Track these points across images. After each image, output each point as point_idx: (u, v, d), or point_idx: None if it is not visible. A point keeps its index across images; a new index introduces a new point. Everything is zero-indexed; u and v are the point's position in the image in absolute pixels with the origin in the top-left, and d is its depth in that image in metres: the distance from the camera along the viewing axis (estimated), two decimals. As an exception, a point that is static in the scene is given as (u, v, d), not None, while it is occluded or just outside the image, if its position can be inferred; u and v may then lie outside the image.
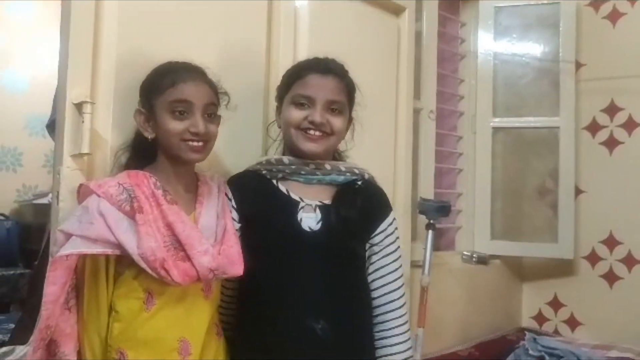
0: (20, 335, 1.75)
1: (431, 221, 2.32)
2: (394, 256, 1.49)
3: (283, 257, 1.39)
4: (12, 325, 2.28)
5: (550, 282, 3.18)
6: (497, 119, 3.07)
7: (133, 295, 1.27)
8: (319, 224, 1.40)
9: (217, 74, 1.41)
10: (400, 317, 1.47)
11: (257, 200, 1.44)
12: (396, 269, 1.49)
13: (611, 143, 3.03)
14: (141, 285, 1.27)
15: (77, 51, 1.43)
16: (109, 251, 1.23)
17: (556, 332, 3.13)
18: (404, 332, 1.47)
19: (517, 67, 3.08)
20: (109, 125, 1.47)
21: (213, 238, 1.32)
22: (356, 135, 1.56)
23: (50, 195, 4.21)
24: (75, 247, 1.20)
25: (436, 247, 2.37)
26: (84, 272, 1.27)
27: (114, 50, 1.49)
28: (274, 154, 1.62)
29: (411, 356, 1.49)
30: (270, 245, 1.40)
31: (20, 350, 1.66)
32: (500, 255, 3.07)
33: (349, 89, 1.48)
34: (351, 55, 1.99)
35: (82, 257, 1.24)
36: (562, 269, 3.11)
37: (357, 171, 1.51)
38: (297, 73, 1.46)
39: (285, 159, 1.46)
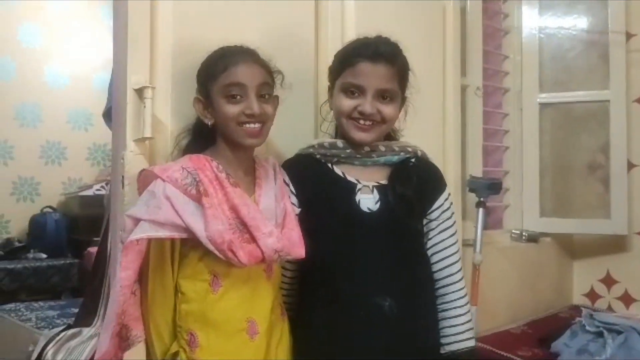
0: (84, 319, 1.81)
1: (482, 199, 2.30)
2: (451, 231, 1.50)
3: (345, 239, 1.40)
4: (74, 310, 2.34)
5: (602, 258, 3.11)
6: (544, 95, 3.01)
7: (199, 277, 1.30)
8: (377, 204, 1.42)
9: (268, 54, 1.41)
10: (459, 290, 1.49)
11: (315, 185, 1.45)
12: (453, 244, 1.50)
13: (663, 114, 2.94)
14: (207, 267, 1.29)
15: (135, 38, 1.46)
16: (177, 235, 1.25)
17: (609, 309, 3.06)
18: (464, 305, 1.49)
19: (564, 40, 3.01)
20: (168, 110, 1.50)
21: (274, 220, 1.34)
22: (407, 116, 1.56)
23: (94, 187, 4.34)
24: (145, 232, 1.22)
25: (485, 226, 2.35)
26: (148, 256, 1.28)
27: (171, 36, 1.51)
28: (326, 135, 1.62)
29: (472, 328, 1.50)
30: (331, 228, 1.41)
31: (87, 332, 1.72)
32: (550, 233, 3.02)
33: (401, 73, 1.46)
34: (398, 34, 1.97)
35: (148, 241, 1.26)
36: (614, 244, 3.03)
37: (410, 149, 1.51)
38: (348, 59, 1.44)
39: (340, 142, 1.47)
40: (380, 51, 1.42)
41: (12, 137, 4.50)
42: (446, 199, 1.51)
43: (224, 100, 1.31)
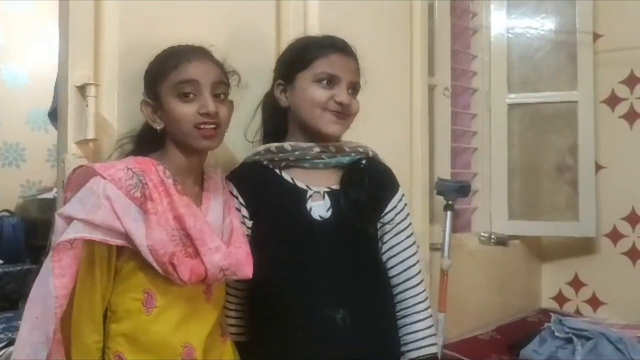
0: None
1: (450, 202, 2.24)
2: (407, 232, 1.44)
3: (295, 250, 1.33)
4: (18, 323, 2.21)
5: (570, 261, 3.10)
6: (512, 95, 2.98)
7: (131, 295, 1.17)
8: (329, 211, 1.35)
9: (224, 53, 1.32)
10: (418, 294, 1.43)
11: (263, 194, 1.37)
12: (410, 246, 1.44)
13: (631, 116, 2.94)
14: (141, 284, 1.17)
15: (78, 32, 1.35)
16: (111, 240, 1.12)
17: (577, 313, 3.06)
18: (424, 309, 1.42)
19: (532, 40, 2.98)
20: (114, 109, 1.39)
21: (220, 236, 1.23)
22: (372, 115, 1.49)
23: (55, 190, 4.19)
24: (78, 232, 1.09)
25: (453, 229, 2.30)
26: None
27: (117, 31, 1.41)
28: (255, 143, 1.52)
29: (434, 334, 1.44)
30: (281, 238, 1.34)
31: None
32: (519, 236, 2.99)
33: (360, 71, 1.44)
34: (363, 33, 1.92)
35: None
36: (582, 247, 3.03)
37: (361, 150, 1.45)
38: (318, 49, 1.37)
39: (287, 145, 1.38)
40: (347, 46, 1.41)
41: (-33, 138, 4.33)
42: (400, 200, 1.45)
43: (175, 100, 1.20)
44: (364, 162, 1.44)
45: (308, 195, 1.35)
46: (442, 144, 2.64)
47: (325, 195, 1.36)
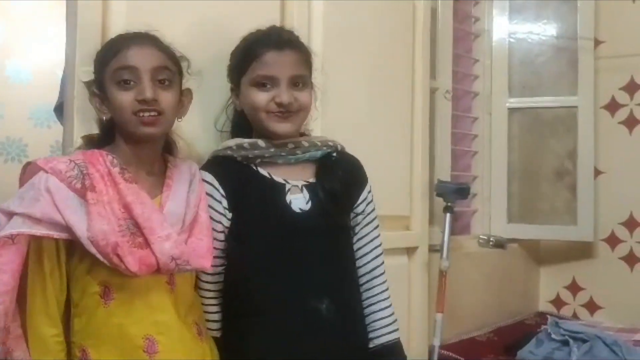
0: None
1: (449, 204, 2.26)
2: (374, 223, 1.49)
3: (278, 243, 1.35)
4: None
5: (568, 265, 3.12)
6: (513, 99, 3.00)
7: (88, 290, 1.16)
8: (309, 204, 1.37)
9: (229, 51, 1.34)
10: (383, 282, 1.48)
11: (242, 188, 1.37)
12: (377, 236, 1.49)
13: (631, 122, 2.97)
14: (96, 279, 1.15)
15: (86, 27, 1.36)
16: (55, 234, 1.10)
17: (575, 316, 3.07)
18: (388, 297, 1.48)
19: (534, 45, 3.01)
20: (119, 105, 1.41)
21: (179, 226, 1.20)
22: (373, 116, 1.49)
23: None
24: (17, 227, 1.07)
25: (452, 231, 2.32)
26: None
27: (124, 27, 1.40)
28: (224, 135, 1.52)
29: (396, 320, 1.49)
30: (262, 232, 1.35)
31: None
32: (517, 239, 3.01)
33: (307, 58, 1.41)
34: (366, 34, 1.93)
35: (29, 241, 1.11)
36: (580, 251, 3.05)
37: (331, 143, 1.47)
38: (252, 51, 1.36)
39: (260, 141, 1.38)
40: (284, 38, 1.38)
41: (-31, 133, 4.33)
42: (369, 192, 1.49)
43: (115, 87, 1.17)
44: (334, 154, 1.46)
45: (287, 189, 1.37)
46: (442, 146, 2.65)
47: (303, 188, 1.38)
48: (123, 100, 1.17)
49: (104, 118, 1.23)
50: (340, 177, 1.41)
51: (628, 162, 2.96)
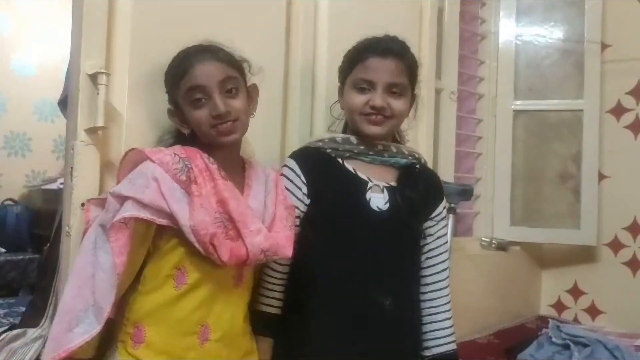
0: (31, 319, 1.71)
1: (452, 205, 2.25)
2: (445, 239, 1.56)
3: (352, 236, 1.42)
4: (23, 309, 2.23)
5: (570, 269, 3.10)
6: (518, 102, 2.99)
7: (165, 271, 1.23)
8: (387, 205, 1.44)
9: (235, 50, 1.35)
10: (447, 295, 1.53)
11: (326, 178, 1.46)
12: (445, 251, 1.55)
13: (636, 127, 2.95)
14: (177, 262, 1.22)
15: (91, 21, 1.37)
16: (157, 219, 1.18)
17: (576, 321, 3.06)
18: (449, 310, 1.53)
19: (540, 48, 3.00)
20: (124, 99, 1.41)
21: (262, 221, 1.29)
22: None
23: (59, 181, 4.21)
24: (129, 211, 1.15)
25: (454, 233, 2.31)
26: None
27: (129, 21, 1.42)
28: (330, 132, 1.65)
29: (454, 332, 1.53)
30: (339, 223, 1.43)
31: (31, 333, 1.61)
32: (520, 242, 3.00)
33: (410, 68, 1.48)
34: (372, 33, 1.92)
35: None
36: (583, 256, 3.03)
37: (417, 155, 1.55)
38: (358, 56, 1.46)
39: (353, 138, 1.48)
40: (389, 46, 1.45)
41: (-26, 127, 4.35)
42: (444, 208, 1.57)
43: (189, 107, 1.27)
44: (418, 166, 1.54)
45: (368, 187, 1.44)
46: (446, 147, 2.65)
47: (384, 189, 1.45)
48: (199, 118, 1.27)
49: (186, 132, 1.32)
50: (419, 189, 1.48)
51: (633, 166, 2.94)
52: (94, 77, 1.34)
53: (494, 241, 2.90)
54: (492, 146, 3.02)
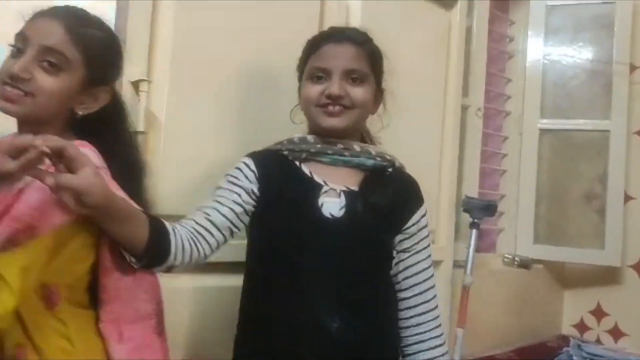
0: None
1: (475, 220, 2.26)
2: (426, 252, 1.35)
3: (299, 245, 1.23)
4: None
5: (593, 290, 3.08)
6: (544, 121, 3.00)
7: None
8: (342, 211, 1.25)
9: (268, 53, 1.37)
10: (435, 318, 1.34)
11: (278, 182, 1.28)
12: (428, 267, 1.35)
13: (663, 149, 2.93)
14: None
15: (135, 29, 1.44)
16: None
17: (598, 342, 3.02)
18: (440, 335, 1.35)
19: (568, 68, 3.01)
20: (163, 106, 1.47)
21: None
22: (404, 130, 1.45)
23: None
24: None
25: (477, 249, 2.32)
26: None
27: (171, 31, 1.49)
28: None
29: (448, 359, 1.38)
30: (286, 231, 1.25)
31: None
32: (542, 260, 2.99)
33: (372, 56, 1.31)
34: (401, 48, 1.96)
35: None
36: (607, 276, 3.01)
37: (388, 157, 1.35)
38: (313, 45, 1.31)
39: (310, 137, 1.31)
40: (346, 33, 1.32)
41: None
42: (423, 216, 1.36)
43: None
44: (390, 169, 1.35)
45: (323, 191, 1.26)
46: (471, 163, 2.66)
47: (342, 194, 1.27)
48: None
49: None
50: (389, 194, 1.30)
51: (659, 189, 2.92)
52: (135, 84, 1.41)
53: (516, 258, 2.89)
54: (517, 164, 3.02)
